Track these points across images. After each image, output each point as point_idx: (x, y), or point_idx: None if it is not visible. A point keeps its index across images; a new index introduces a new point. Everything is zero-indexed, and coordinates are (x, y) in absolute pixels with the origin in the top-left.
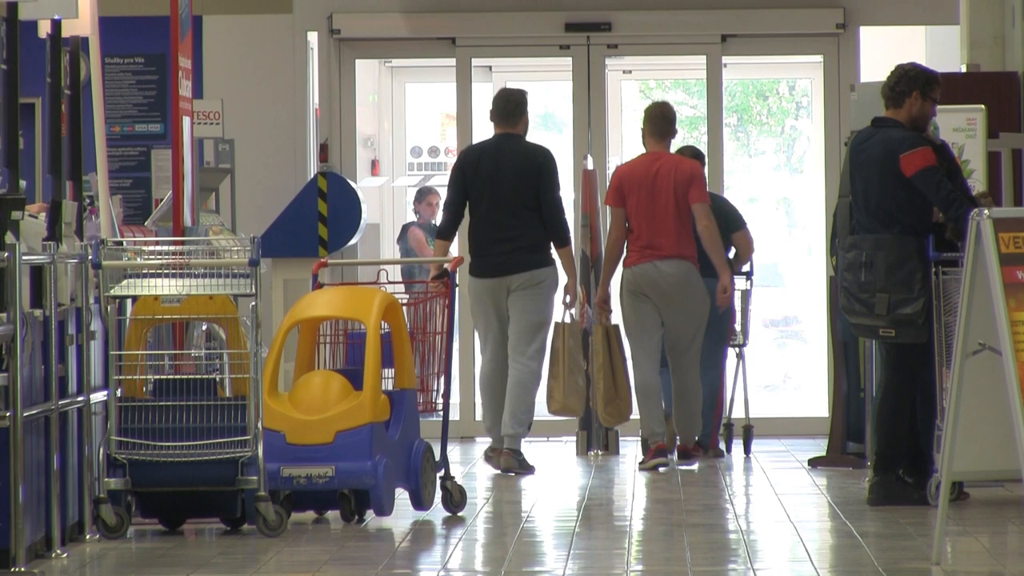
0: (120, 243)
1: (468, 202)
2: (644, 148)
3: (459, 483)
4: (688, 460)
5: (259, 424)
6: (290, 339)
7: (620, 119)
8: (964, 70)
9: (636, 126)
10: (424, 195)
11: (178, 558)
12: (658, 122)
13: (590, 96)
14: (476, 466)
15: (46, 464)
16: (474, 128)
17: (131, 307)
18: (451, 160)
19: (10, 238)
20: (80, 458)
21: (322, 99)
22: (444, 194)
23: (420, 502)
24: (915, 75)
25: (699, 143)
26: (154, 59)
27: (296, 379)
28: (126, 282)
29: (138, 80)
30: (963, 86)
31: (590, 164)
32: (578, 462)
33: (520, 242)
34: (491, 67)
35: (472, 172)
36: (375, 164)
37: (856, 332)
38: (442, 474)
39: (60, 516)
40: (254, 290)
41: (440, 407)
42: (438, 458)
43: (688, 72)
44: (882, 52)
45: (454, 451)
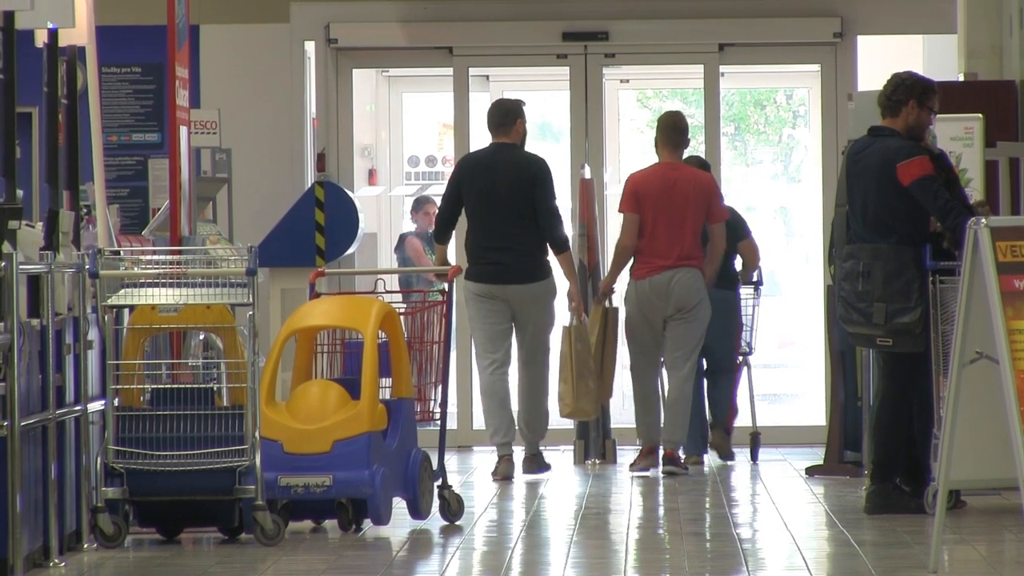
0: (117, 252)
1: (464, 210)
2: (657, 158)
3: (457, 492)
4: (673, 466)
5: (256, 433)
6: (287, 348)
7: (617, 128)
8: (962, 79)
9: (633, 136)
10: (421, 204)
11: (176, 567)
12: (671, 133)
13: (587, 105)
14: (474, 475)
15: (44, 473)
16: (472, 137)
17: (128, 316)
18: (448, 170)
19: (7, 248)
20: (78, 467)
21: (319, 109)
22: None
23: (418, 511)
24: (911, 84)
25: (696, 152)
26: (151, 68)
27: (294, 388)
28: (123, 291)
29: (135, 89)
30: (960, 95)
31: (587, 173)
32: (576, 471)
33: (516, 251)
34: (488, 76)
35: (468, 182)
36: (372, 173)
37: (854, 341)
38: (440, 483)
39: (58, 525)
40: (251, 299)
41: (438, 416)
42: (436, 467)
43: (685, 81)
44: (879, 61)
45: (452, 460)
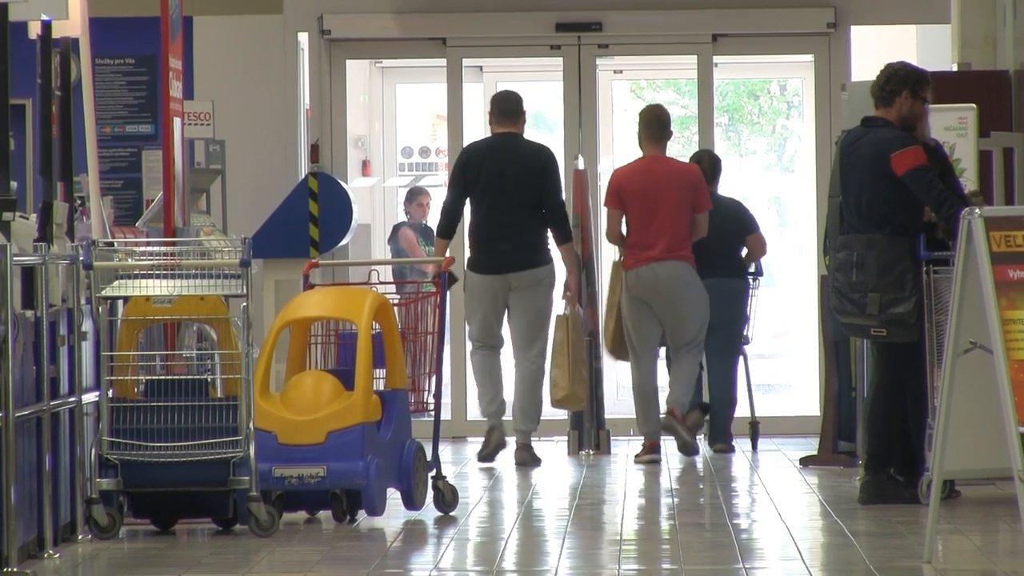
0: (111, 244)
1: (469, 201)
2: (640, 151)
3: (451, 483)
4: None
5: (251, 424)
6: (281, 340)
7: (611, 119)
8: (955, 69)
9: (627, 126)
10: (415, 195)
11: (170, 558)
12: (653, 126)
13: (581, 96)
14: (468, 466)
15: (38, 465)
16: (465, 128)
17: (122, 308)
18: (442, 160)
19: (1, 239)
20: (72, 459)
21: (313, 100)
22: (436, 195)
23: (412, 502)
24: (905, 74)
25: (690, 143)
26: (144, 60)
27: (287, 380)
28: (117, 283)
29: (129, 81)
30: (954, 85)
31: (581, 164)
32: (570, 461)
33: (521, 240)
34: (482, 67)
35: (474, 172)
36: (366, 165)
37: (847, 332)
38: (434, 474)
39: (52, 517)
40: (245, 291)
41: (431, 407)
42: (430, 458)
43: (679, 72)
44: (873, 51)
45: (446, 451)
